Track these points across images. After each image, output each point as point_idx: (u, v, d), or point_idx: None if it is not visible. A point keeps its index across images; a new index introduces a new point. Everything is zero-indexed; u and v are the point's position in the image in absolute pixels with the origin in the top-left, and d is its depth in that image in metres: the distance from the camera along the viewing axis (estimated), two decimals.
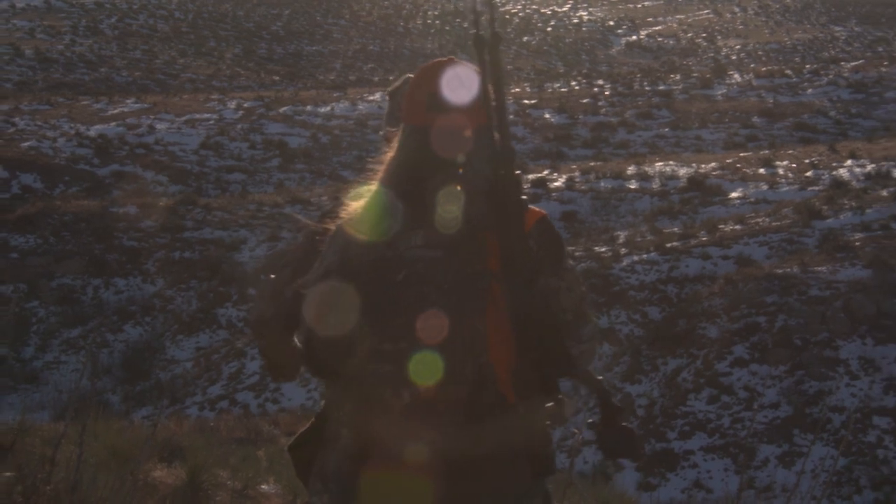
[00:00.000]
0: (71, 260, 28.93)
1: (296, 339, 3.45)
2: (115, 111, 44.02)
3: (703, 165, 32.06)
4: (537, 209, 3.15)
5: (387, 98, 4.27)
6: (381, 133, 4.18)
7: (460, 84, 3.25)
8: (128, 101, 46.66)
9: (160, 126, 41.67)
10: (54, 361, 25.87)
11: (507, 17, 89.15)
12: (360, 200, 3.18)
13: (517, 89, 50.67)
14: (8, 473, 4.69)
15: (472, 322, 2.94)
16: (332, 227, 3.21)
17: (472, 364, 2.91)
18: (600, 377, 3.03)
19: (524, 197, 3.06)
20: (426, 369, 2.96)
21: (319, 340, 3.10)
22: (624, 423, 2.99)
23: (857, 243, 21.90)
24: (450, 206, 3.05)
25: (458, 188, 3.07)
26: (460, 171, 3.12)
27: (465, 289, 2.95)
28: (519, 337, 2.93)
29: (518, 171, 3.06)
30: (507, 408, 2.93)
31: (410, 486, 2.94)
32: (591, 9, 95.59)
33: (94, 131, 40.21)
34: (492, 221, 3.01)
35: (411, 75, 3.70)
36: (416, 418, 2.92)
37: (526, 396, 2.94)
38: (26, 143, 37.90)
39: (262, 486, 10.20)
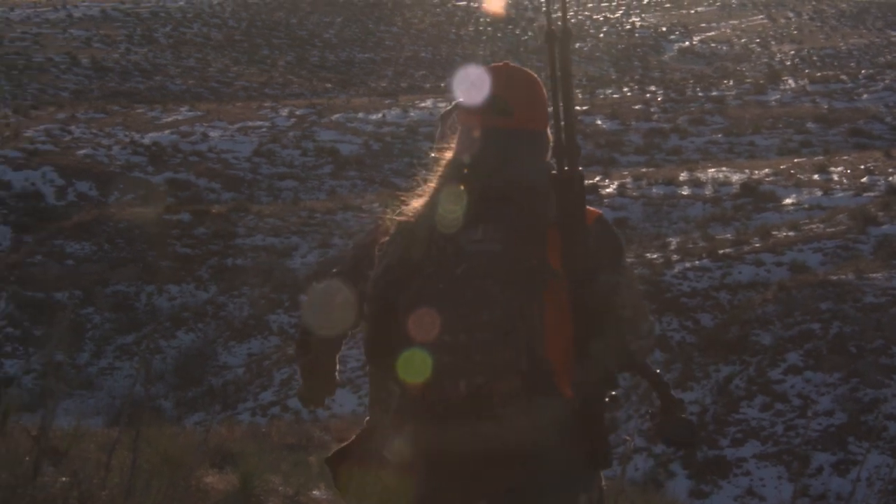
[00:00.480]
0: (125, 267, 29.19)
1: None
2: (170, 119, 44.37)
3: (756, 171, 31.86)
4: (594, 209, 3.20)
5: (439, 121, 4.33)
6: (431, 155, 4.23)
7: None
8: (182, 109, 47.02)
9: (213, 134, 41.94)
10: (108, 367, 26.10)
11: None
12: (421, 198, 3.27)
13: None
14: (64, 478, 4.74)
15: (531, 315, 3.00)
16: (394, 224, 3.28)
17: (527, 356, 2.98)
18: (658, 370, 3.11)
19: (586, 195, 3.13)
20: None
21: (370, 332, 3.22)
22: (682, 415, 3.07)
23: None
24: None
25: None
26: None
27: (524, 283, 3.02)
28: (578, 331, 3.02)
29: (580, 168, 3.13)
30: (562, 401, 3.01)
31: (470, 473, 3.04)
32: (643, 15, 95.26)
33: (148, 139, 40.55)
34: (555, 216, 3.09)
35: (462, 100, 3.86)
36: (473, 409, 2.99)
37: (580, 389, 3.02)
38: (82, 151, 38.29)
39: (314, 492, 10.24)
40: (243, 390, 23.20)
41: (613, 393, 3.10)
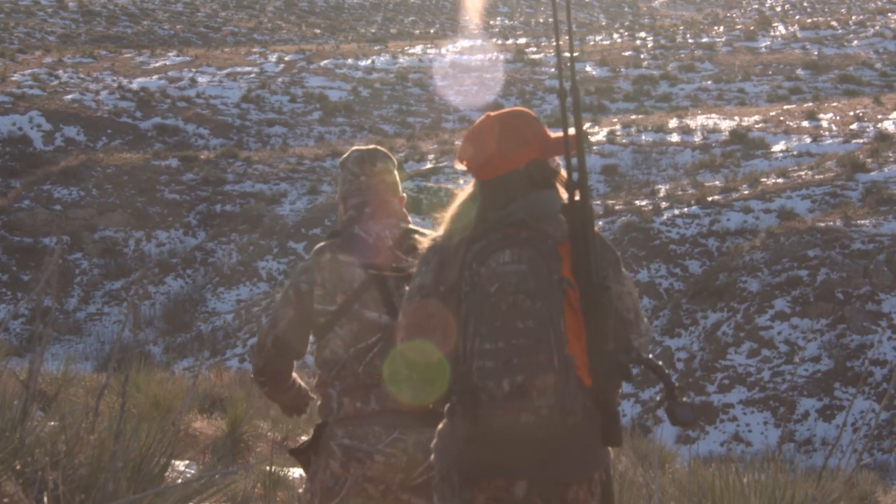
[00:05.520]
0: (113, 213, 29.14)
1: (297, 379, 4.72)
2: (158, 64, 44.14)
3: (745, 118, 31.83)
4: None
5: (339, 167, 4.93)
6: (336, 196, 5.07)
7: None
8: (170, 54, 46.77)
9: (202, 79, 41.75)
10: (97, 313, 26.10)
11: None
12: (443, 225, 3.82)
13: (560, 42, 50.37)
14: (52, 423, 4.75)
15: (557, 321, 3.52)
16: (425, 248, 3.85)
17: (557, 356, 3.50)
18: (660, 362, 3.67)
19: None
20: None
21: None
22: (684, 399, 3.60)
23: None
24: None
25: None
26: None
27: (549, 294, 3.56)
28: (590, 331, 3.58)
29: (589, 195, 3.69)
30: (585, 390, 3.56)
31: (511, 457, 3.60)
32: None
33: (136, 84, 40.36)
34: (564, 235, 3.66)
35: (356, 147, 4.84)
36: (514, 404, 3.50)
37: (600, 380, 3.58)
38: (69, 96, 38.10)
39: (303, 438, 10.28)
40: (232, 336, 23.24)
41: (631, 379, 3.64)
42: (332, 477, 4.50)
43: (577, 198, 3.68)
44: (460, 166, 3.89)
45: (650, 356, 3.65)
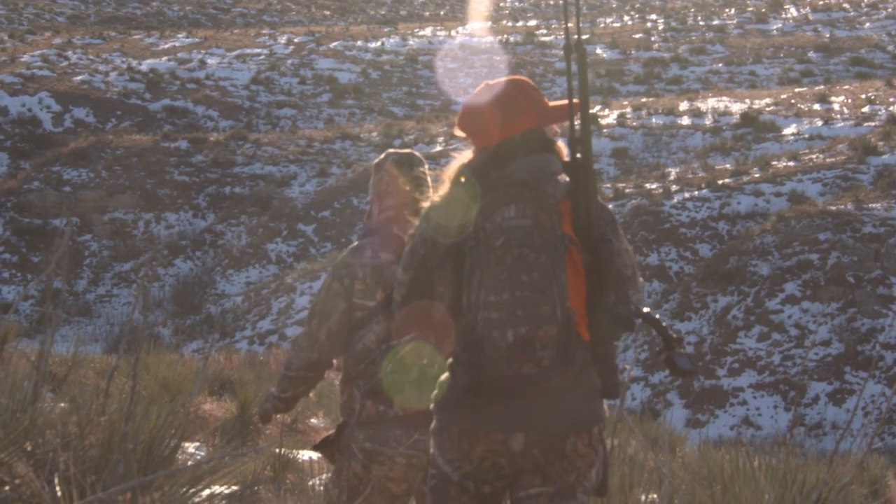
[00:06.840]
0: (123, 194, 29.15)
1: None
2: (167, 45, 44.10)
3: (756, 101, 31.72)
4: None
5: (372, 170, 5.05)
6: (368, 199, 5.05)
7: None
8: (179, 35, 46.72)
9: (211, 61, 41.72)
10: (106, 295, 26.14)
11: None
12: (442, 190, 3.89)
13: (569, 24, 50.28)
14: (63, 404, 4.75)
15: (560, 275, 3.64)
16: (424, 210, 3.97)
17: (560, 308, 3.62)
18: (657, 315, 3.70)
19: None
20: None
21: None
22: (681, 350, 3.69)
23: None
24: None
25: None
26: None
27: (552, 249, 3.68)
28: (591, 286, 3.67)
29: (591, 153, 3.77)
30: (584, 344, 3.66)
31: (509, 409, 3.67)
32: None
33: (145, 66, 40.34)
34: (564, 194, 3.76)
35: (393, 150, 4.98)
36: (517, 354, 3.62)
37: (600, 332, 3.67)
38: (79, 78, 38.09)
39: (312, 420, 10.30)
40: (241, 319, 23.25)
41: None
42: (355, 477, 4.67)
43: (578, 155, 3.75)
44: (459, 133, 3.97)
45: (647, 310, 3.75)
